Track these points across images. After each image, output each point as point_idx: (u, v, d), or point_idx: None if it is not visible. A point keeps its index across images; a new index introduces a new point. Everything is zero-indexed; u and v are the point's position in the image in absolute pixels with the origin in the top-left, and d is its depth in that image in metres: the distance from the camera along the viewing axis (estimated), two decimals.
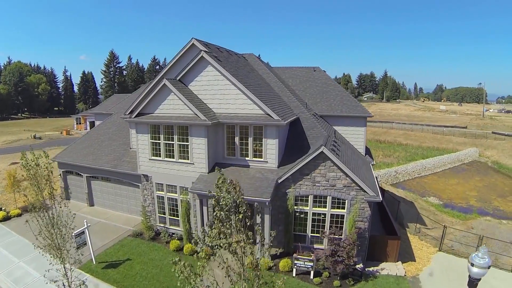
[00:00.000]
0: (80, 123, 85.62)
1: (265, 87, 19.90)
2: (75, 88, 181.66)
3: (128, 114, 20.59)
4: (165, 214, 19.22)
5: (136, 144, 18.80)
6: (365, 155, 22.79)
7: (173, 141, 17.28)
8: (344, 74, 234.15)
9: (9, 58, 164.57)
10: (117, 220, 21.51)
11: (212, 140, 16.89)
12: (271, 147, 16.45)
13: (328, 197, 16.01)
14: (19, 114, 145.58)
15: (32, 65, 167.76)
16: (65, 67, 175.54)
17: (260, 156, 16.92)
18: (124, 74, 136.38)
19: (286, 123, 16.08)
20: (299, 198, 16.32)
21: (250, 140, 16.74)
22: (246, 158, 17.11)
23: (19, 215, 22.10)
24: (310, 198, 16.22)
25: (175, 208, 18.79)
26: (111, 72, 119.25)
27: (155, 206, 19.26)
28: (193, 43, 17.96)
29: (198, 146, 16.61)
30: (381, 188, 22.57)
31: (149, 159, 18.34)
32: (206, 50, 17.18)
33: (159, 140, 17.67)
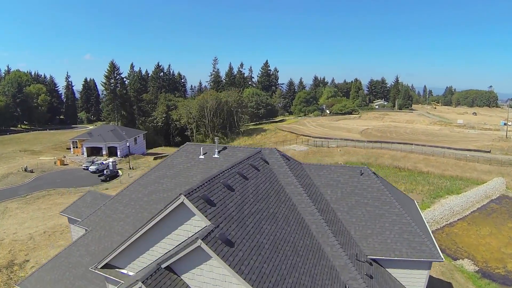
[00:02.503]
0: (76, 147, 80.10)
1: (302, 252, 13.50)
2: (77, 95, 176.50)
3: (100, 268, 14.61)
4: None
5: None
6: None
7: None
8: (356, 79, 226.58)
9: (8, 67, 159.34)
10: None
11: None
12: None
13: None
14: (19, 125, 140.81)
15: (32, 74, 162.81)
16: (67, 72, 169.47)
17: None
18: (126, 84, 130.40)
19: None
20: None
21: None
22: None
23: None
24: None
25: None
26: (112, 84, 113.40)
27: None
28: (183, 202, 11.53)
29: None
30: None
31: None
32: (208, 230, 10.66)
33: None
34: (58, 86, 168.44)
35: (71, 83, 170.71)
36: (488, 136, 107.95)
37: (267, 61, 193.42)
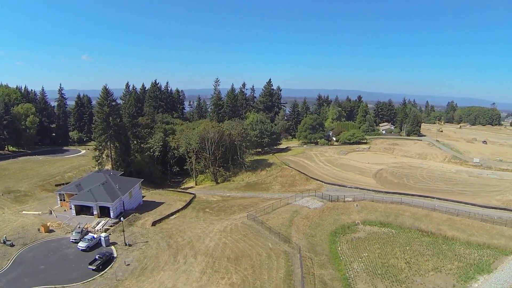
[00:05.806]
0: (63, 200, 71.16)
1: None
2: (68, 108, 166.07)
3: None
4: None
5: None
6: None
7: None
8: (359, 97, 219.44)
9: None
10: None
11: None
12: None
13: None
14: (5, 148, 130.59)
15: (22, 90, 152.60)
16: (60, 84, 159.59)
17: None
18: (120, 105, 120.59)
19: None
20: None
21: None
22: None
23: None
24: None
25: None
26: (105, 112, 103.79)
27: None
28: None
29: None
30: None
31: None
32: None
33: None
34: (49, 104, 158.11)
35: (64, 95, 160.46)
36: (510, 183, 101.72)
37: (270, 80, 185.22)
